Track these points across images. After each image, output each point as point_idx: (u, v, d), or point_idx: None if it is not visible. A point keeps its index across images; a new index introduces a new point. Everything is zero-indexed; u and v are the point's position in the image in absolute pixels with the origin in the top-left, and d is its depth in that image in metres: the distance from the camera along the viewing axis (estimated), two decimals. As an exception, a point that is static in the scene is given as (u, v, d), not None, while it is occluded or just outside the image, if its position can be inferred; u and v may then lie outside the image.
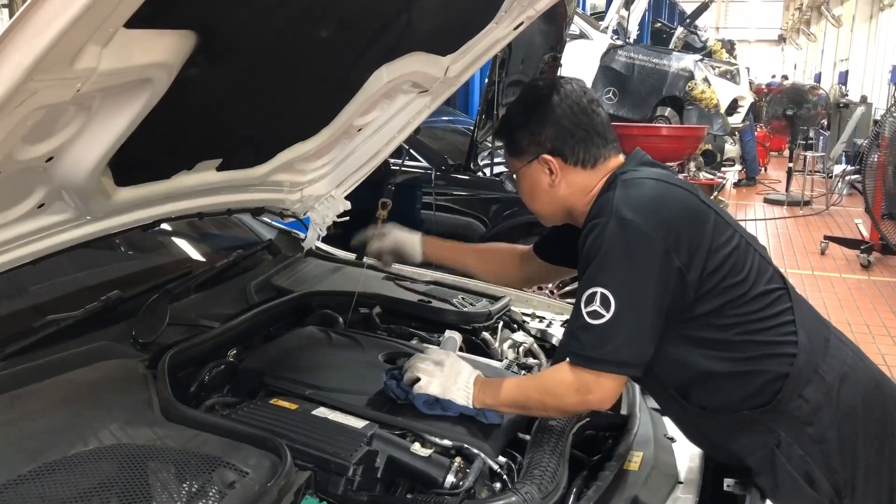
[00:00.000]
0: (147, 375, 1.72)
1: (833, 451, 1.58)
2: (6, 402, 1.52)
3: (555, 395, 1.61)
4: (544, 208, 1.80)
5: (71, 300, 1.99)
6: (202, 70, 1.52)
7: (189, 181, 1.96)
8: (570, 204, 1.74)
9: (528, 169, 1.75)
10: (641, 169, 1.68)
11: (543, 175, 1.72)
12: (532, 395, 1.66)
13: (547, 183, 1.73)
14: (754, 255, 1.65)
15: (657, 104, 8.81)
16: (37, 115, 1.20)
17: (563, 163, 1.70)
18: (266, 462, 1.44)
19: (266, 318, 2.15)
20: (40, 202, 1.56)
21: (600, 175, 1.71)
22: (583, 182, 1.72)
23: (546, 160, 1.71)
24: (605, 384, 1.56)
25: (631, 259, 1.53)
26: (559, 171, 1.71)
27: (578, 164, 1.71)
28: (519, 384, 1.71)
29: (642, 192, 1.59)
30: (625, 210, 1.55)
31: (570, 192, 1.73)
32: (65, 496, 1.31)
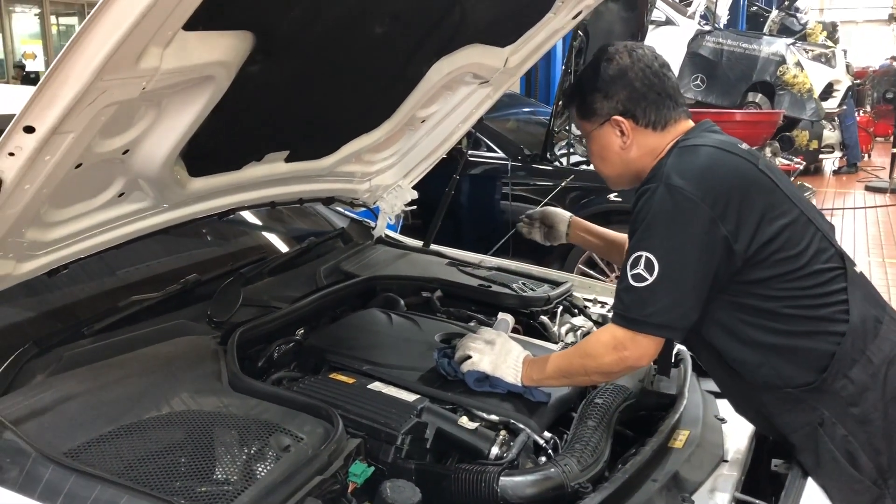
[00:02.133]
0: (218, 351, 1.86)
1: (877, 433, 1.58)
2: (91, 373, 1.69)
3: (594, 355, 1.67)
4: (614, 171, 1.82)
5: (154, 283, 2.16)
6: (262, 67, 1.64)
7: (259, 172, 2.10)
8: (640, 167, 1.76)
9: (599, 131, 1.77)
10: (704, 135, 1.70)
11: (615, 137, 1.75)
12: (574, 360, 1.72)
13: (618, 145, 1.75)
14: (815, 232, 1.65)
15: (747, 90, 8.58)
16: (109, 112, 1.34)
17: (634, 124, 1.73)
18: (320, 429, 1.55)
19: (332, 301, 2.28)
20: (120, 191, 1.72)
21: (669, 138, 1.73)
22: (653, 144, 1.74)
23: (618, 122, 1.73)
24: (642, 342, 1.60)
25: (676, 225, 1.56)
26: (630, 133, 1.73)
27: (650, 125, 1.73)
28: (563, 354, 1.78)
29: (695, 160, 1.62)
30: (675, 176, 1.58)
31: (640, 155, 1.75)
32: (138, 455, 1.46)
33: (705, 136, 1.70)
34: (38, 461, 1.39)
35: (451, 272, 2.61)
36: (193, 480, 1.41)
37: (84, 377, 1.68)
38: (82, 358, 1.75)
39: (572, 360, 1.73)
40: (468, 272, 2.61)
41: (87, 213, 1.70)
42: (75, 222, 1.68)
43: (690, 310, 1.59)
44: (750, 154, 1.70)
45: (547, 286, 2.56)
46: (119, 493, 1.33)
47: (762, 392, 1.66)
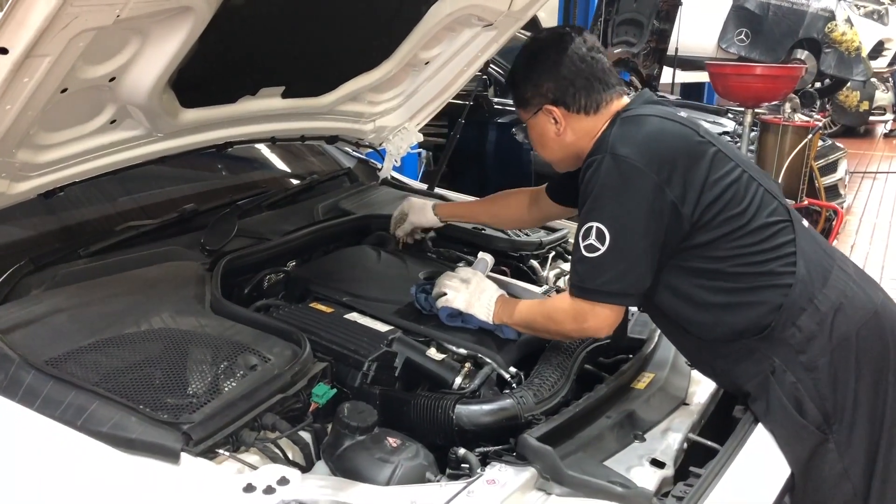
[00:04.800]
0: (205, 276, 1.94)
1: (823, 379, 1.60)
2: (81, 290, 1.79)
3: (556, 321, 1.72)
4: (554, 155, 1.85)
5: (155, 211, 2.26)
6: (247, 0, 1.68)
7: (255, 106, 2.16)
8: (578, 149, 1.77)
9: (535, 120, 1.80)
10: (644, 107, 1.72)
11: (549, 124, 1.77)
12: (538, 319, 1.77)
13: (553, 132, 1.77)
14: (757, 188, 1.67)
15: (793, 47, 8.33)
16: (87, 38, 1.40)
17: (566, 111, 1.75)
18: (288, 351, 1.63)
19: (325, 236, 2.34)
20: (112, 118, 1.80)
21: (604, 118, 1.75)
22: (587, 127, 1.75)
23: (549, 110, 1.75)
24: (601, 313, 1.64)
25: (624, 194, 1.59)
26: (563, 120, 1.75)
27: (581, 111, 1.74)
28: (530, 307, 1.81)
29: (638, 129, 1.64)
30: (619, 146, 1.60)
31: (577, 138, 1.77)
32: (114, 366, 1.55)
33: (646, 107, 1.73)
34: (20, 367, 1.49)
35: (449, 214, 2.64)
36: (163, 392, 1.50)
37: (74, 293, 1.77)
38: (75, 276, 1.85)
39: (536, 318, 1.78)
40: (465, 215, 2.64)
41: (80, 138, 1.78)
42: (68, 146, 1.77)
43: (643, 275, 1.62)
44: (689, 121, 1.74)
45: (543, 232, 2.59)
46: (90, 399, 1.42)
47: (717, 347, 1.69)
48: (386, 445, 1.48)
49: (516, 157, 5.43)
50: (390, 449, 1.47)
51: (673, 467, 1.59)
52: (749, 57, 8.36)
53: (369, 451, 1.46)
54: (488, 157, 5.57)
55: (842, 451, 1.62)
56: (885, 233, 7.12)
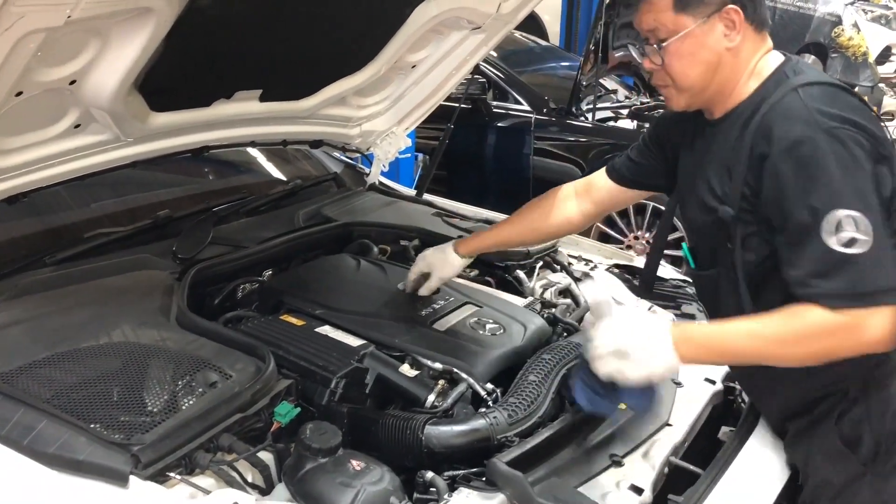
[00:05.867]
0: (175, 286, 1.88)
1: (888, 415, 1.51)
2: (41, 300, 1.73)
3: (820, 344, 1.38)
4: (700, 78, 1.53)
5: (128, 217, 2.19)
6: (216, 1, 1.62)
7: (231, 110, 2.09)
8: (730, 77, 1.51)
9: (702, 27, 1.48)
10: (817, 74, 1.50)
11: (719, 34, 1.48)
12: (771, 347, 1.42)
13: (723, 44, 1.49)
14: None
15: (799, 51, 8.22)
16: (36, 39, 1.34)
17: (744, 17, 1.48)
18: (251, 368, 1.56)
19: (304, 244, 2.28)
20: (76, 123, 1.73)
21: (764, 47, 1.52)
22: (752, 48, 1.51)
23: (730, 13, 1.47)
24: (884, 319, 1.33)
25: (860, 171, 1.36)
26: (740, 28, 1.48)
27: (755, 22, 1.49)
28: (750, 334, 1.42)
29: (836, 99, 1.42)
30: (829, 119, 1.37)
31: (740, 60, 1.50)
32: (69, 382, 1.49)
33: (812, 71, 1.49)
34: (-31, 383, 1.43)
35: (435, 222, 2.58)
36: (117, 409, 1.44)
37: (34, 304, 1.71)
38: (38, 286, 1.79)
39: (768, 347, 1.42)
40: (451, 223, 2.58)
41: (43, 143, 1.72)
42: (29, 151, 1.71)
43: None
44: None
45: (531, 241, 2.52)
46: (38, 418, 1.36)
47: None
48: (349, 469, 1.40)
49: (515, 162, 5.36)
50: (353, 472, 1.40)
51: (652, 493, 1.52)
52: (755, 61, 8.25)
53: (331, 475, 1.39)
54: (487, 161, 5.50)
55: (879, 487, 1.52)
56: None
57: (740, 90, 1.52)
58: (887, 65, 9.01)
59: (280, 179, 2.82)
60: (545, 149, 5.17)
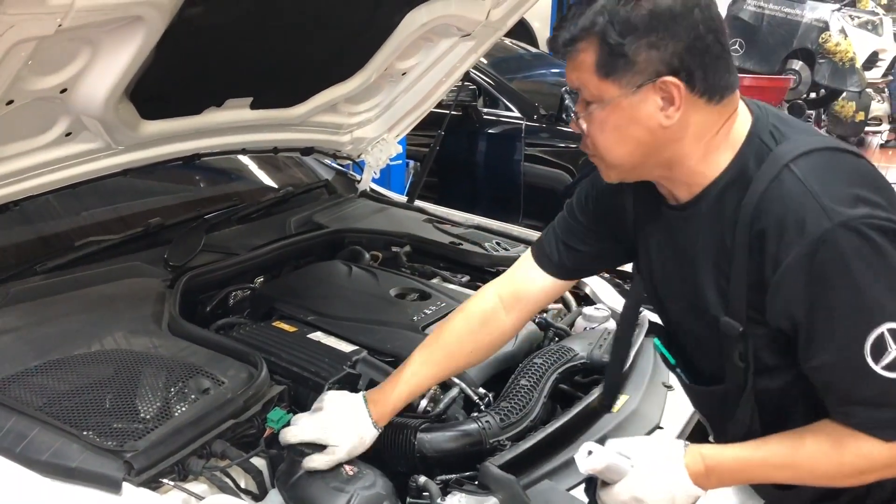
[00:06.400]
0: (166, 293, 1.88)
1: None
2: (32, 308, 1.73)
3: (874, 475, 1.23)
4: (626, 158, 1.28)
5: (119, 225, 2.19)
6: (205, 10, 1.62)
7: (222, 117, 2.10)
8: (676, 154, 1.26)
9: (629, 99, 1.22)
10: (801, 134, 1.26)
11: (653, 107, 1.21)
12: (811, 478, 1.28)
13: (657, 120, 1.22)
14: None
15: (787, 57, 8.30)
16: (27, 48, 1.35)
17: (688, 90, 1.21)
18: (244, 374, 1.57)
19: (295, 251, 2.28)
20: (67, 131, 1.74)
21: (724, 117, 1.25)
22: (703, 122, 1.24)
23: (668, 85, 1.19)
24: None
25: (890, 269, 1.14)
26: (681, 102, 1.21)
27: (706, 93, 1.22)
28: (785, 464, 1.26)
29: (840, 173, 1.19)
30: (843, 207, 1.13)
31: (682, 136, 1.24)
32: (62, 389, 1.49)
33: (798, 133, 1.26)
34: (-39, 391, 1.43)
35: (426, 228, 2.59)
36: (110, 417, 1.45)
37: (25, 312, 1.71)
38: (29, 294, 1.79)
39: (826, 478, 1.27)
40: (443, 229, 2.59)
41: (34, 151, 1.72)
42: (20, 159, 1.71)
43: None
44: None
45: (522, 246, 2.53)
46: (31, 425, 1.36)
47: None
48: (342, 474, 1.41)
49: (506, 168, 5.38)
50: (346, 477, 1.40)
51: (644, 495, 1.52)
52: (743, 67, 8.33)
53: (324, 480, 1.39)
54: (478, 168, 5.52)
55: None
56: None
57: (703, 168, 1.26)
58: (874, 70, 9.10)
59: (271, 187, 2.82)
60: (536, 155, 5.19)
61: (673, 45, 1.18)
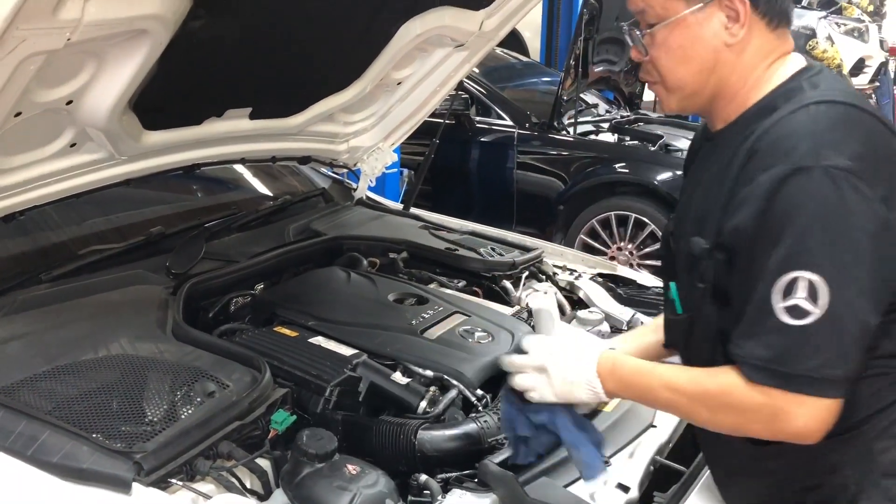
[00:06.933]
0: (169, 300, 1.92)
1: None
2: (39, 316, 1.76)
3: (737, 413, 1.19)
4: (689, 79, 1.27)
5: (121, 234, 2.23)
6: (207, 23, 1.67)
7: (221, 128, 2.14)
8: (731, 80, 1.26)
9: (697, 15, 1.23)
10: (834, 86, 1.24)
11: (717, 25, 1.22)
12: (697, 406, 1.25)
13: (720, 38, 1.23)
14: None
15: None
16: (37, 61, 1.39)
17: (753, 9, 1.22)
18: (247, 377, 1.61)
19: (294, 258, 2.32)
20: (72, 142, 1.78)
21: (780, 49, 1.26)
22: (760, 48, 1.24)
23: (736, 0, 1.21)
24: (812, 412, 1.13)
25: (847, 230, 1.11)
26: (746, 20, 1.22)
27: (767, 15, 1.23)
28: (669, 385, 1.26)
29: (852, 129, 1.17)
30: (833, 154, 1.11)
31: (743, 61, 1.24)
32: (70, 394, 1.53)
33: (835, 86, 1.24)
34: (-28, 397, 1.46)
35: (422, 234, 2.63)
36: (118, 420, 1.48)
37: (32, 319, 1.75)
38: (35, 302, 1.82)
39: (693, 407, 1.26)
40: (438, 236, 2.63)
41: (39, 162, 1.76)
42: (27, 170, 1.74)
43: (864, 349, 1.15)
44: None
45: (517, 252, 2.58)
46: (41, 429, 1.40)
47: None
48: (345, 473, 1.45)
49: (499, 176, 5.44)
50: (349, 477, 1.44)
51: (638, 491, 1.57)
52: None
53: (328, 479, 1.43)
54: (471, 175, 5.58)
55: None
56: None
57: (744, 98, 1.27)
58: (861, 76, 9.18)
59: (269, 195, 2.86)
60: (528, 163, 5.26)
61: None
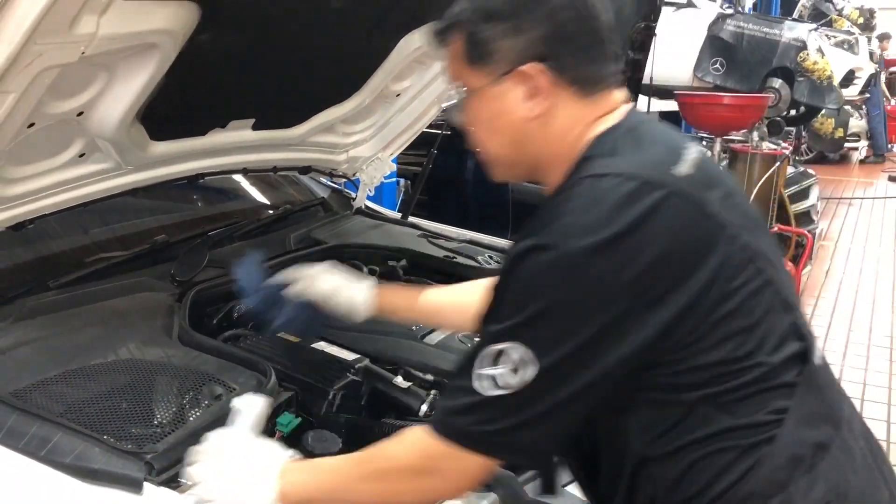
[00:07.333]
0: (174, 306, 1.96)
1: None
2: (48, 321, 1.80)
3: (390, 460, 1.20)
4: (501, 152, 1.22)
5: (127, 243, 2.27)
6: (213, 37, 1.72)
7: (225, 138, 2.19)
8: (546, 152, 1.17)
9: (495, 88, 1.16)
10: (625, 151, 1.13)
11: (519, 96, 1.15)
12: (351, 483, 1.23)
13: (522, 111, 1.15)
14: (772, 302, 1.14)
15: (766, 75, 8.49)
16: (51, 74, 1.43)
17: (556, 78, 1.14)
18: (253, 381, 1.65)
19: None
20: (81, 152, 1.82)
21: (597, 112, 1.17)
22: (571, 117, 1.16)
23: (530, 73, 1.14)
24: (463, 465, 1.10)
25: (575, 313, 1.03)
26: (547, 93, 1.15)
27: (576, 83, 1.15)
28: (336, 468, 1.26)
29: (606, 202, 1.05)
30: (573, 235, 1.03)
31: (552, 132, 1.16)
32: (81, 397, 1.57)
33: (626, 152, 1.13)
34: (-16, 400, 1.50)
35: (421, 243, 2.68)
36: (128, 422, 1.52)
37: (41, 325, 1.78)
38: (44, 308, 1.86)
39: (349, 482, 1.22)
40: (437, 244, 2.68)
41: (49, 172, 1.80)
42: (37, 179, 1.79)
43: (566, 427, 1.10)
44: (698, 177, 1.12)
45: (514, 260, 2.62)
46: (54, 431, 1.43)
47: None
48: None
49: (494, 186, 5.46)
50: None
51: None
52: (724, 85, 8.50)
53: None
54: (467, 185, 5.62)
55: None
56: (860, 258, 7.22)
57: (562, 166, 1.16)
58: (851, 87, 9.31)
59: (270, 205, 2.91)
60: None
61: (534, 31, 1.13)
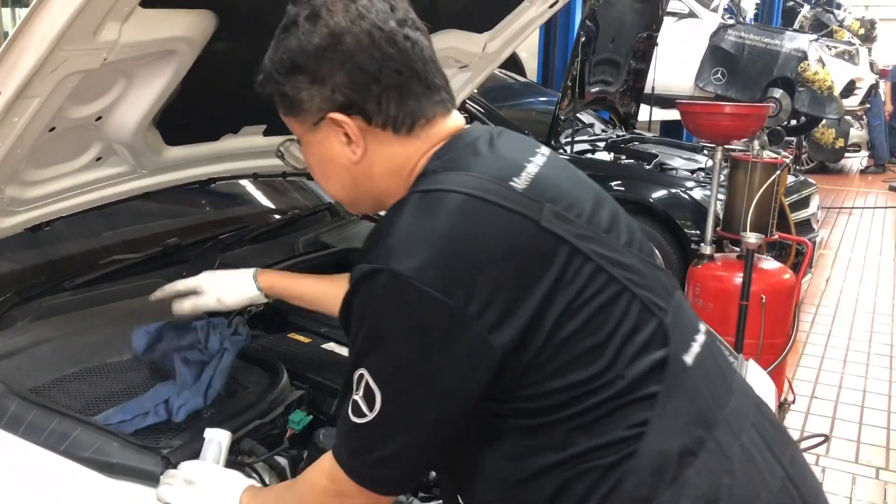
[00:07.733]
0: (187, 308, 2.00)
1: None
2: (65, 321, 1.84)
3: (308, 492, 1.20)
4: (343, 191, 1.23)
5: (139, 246, 2.31)
6: (229, 44, 1.77)
7: (237, 144, 2.24)
8: (382, 189, 1.18)
9: (314, 135, 1.18)
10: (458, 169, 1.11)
11: (337, 143, 1.16)
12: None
13: (345, 155, 1.16)
14: (628, 307, 1.10)
15: (768, 85, 8.56)
16: (74, 80, 1.48)
17: (365, 124, 1.14)
18: (266, 380, 1.69)
19: (305, 268, 2.39)
20: (98, 156, 1.86)
21: (427, 145, 1.16)
22: (398, 156, 1.16)
23: (339, 122, 1.14)
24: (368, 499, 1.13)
25: (409, 335, 1.03)
26: (360, 138, 1.15)
27: (389, 126, 1.14)
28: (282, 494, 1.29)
29: (436, 222, 1.05)
30: (399, 256, 1.02)
31: (380, 172, 1.17)
32: (97, 394, 1.61)
33: (460, 168, 1.11)
34: (5, 395, 1.54)
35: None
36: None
37: (58, 324, 1.83)
38: (60, 308, 1.90)
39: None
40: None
41: (67, 175, 1.85)
42: (55, 182, 1.83)
43: (428, 456, 1.12)
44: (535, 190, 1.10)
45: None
46: (73, 426, 1.48)
47: None
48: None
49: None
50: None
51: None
52: (725, 95, 8.57)
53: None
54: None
55: None
56: (860, 266, 7.27)
57: None
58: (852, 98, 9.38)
59: (279, 210, 2.96)
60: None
61: (335, 78, 1.12)
